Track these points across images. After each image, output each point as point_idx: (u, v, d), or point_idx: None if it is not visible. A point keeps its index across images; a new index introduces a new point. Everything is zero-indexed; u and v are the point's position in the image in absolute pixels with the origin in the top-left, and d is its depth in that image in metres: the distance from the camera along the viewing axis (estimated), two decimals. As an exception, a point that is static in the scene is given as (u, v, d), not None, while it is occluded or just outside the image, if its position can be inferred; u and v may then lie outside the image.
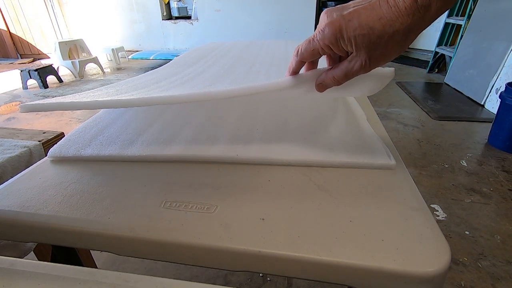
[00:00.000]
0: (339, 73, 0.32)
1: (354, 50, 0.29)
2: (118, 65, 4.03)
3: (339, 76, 0.32)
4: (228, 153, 0.43)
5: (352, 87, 0.36)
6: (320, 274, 0.29)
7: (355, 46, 0.29)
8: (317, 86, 0.35)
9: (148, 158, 0.44)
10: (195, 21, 4.46)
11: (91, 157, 0.44)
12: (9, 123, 2.25)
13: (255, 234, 0.31)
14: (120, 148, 0.46)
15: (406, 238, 0.30)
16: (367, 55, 0.30)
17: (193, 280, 0.95)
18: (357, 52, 0.30)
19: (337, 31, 0.29)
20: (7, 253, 0.60)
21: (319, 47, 0.31)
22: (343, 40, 0.29)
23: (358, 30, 0.28)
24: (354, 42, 0.29)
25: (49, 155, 0.46)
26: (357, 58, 0.30)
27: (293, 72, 0.35)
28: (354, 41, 0.29)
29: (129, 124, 0.54)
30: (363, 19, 0.28)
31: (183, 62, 0.97)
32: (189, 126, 0.52)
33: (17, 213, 0.34)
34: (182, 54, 1.13)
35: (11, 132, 0.78)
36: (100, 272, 0.24)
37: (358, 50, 0.29)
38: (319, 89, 0.35)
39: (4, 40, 4.54)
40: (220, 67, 0.87)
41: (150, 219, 0.33)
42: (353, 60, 0.31)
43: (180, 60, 1.02)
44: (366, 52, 0.29)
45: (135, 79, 0.71)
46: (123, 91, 0.53)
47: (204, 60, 0.99)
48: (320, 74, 0.34)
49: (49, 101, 0.42)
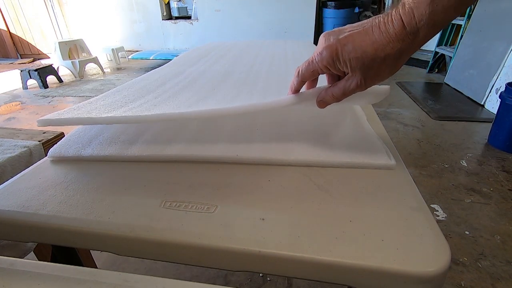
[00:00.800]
0: (338, 91, 0.35)
1: (349, 71, 0.32)
2: (118, 65, 4.03)
3: (337, 94, 0.35)
4: (228, 153, 0.43)
5: (350, 102, 0.38)
6: (320, 274, 0.29)
7: (350, 67, 0.32)
8: (318, 103, 0.38)
9: (148, 158, 0.44)
10: (195, 21, 4.46)
11: (91, 157, 0.44)
12: (9, 123, 2.25)
13: (255, 234, 0.31)
14: (120, 148, 0.46)
15: (406, 238, 0.30)
16: (362, 76, 0.32)
17: (193, 280, 0.95)
18: (353, 73, 0.32)
19: (333, 54, 0.32)
20: (7, 253, 0.60)
21: (318, 68, 0.34)
22: (339, 62, 0.32)
23: (352, 53, 0.31)
24: (349, 64, 0.31)
25: (49, 155, 0.46)
26: (353, 78, 0.33)
27: (295, 91, 0.38)
28: (349, 63, 0.31)
29: (129, 124, 0.54)
30: (357, 43, 0.31)
31: (183, 61, 0.98)
32: (189, 126, 0.52)
33: (17, 213, 0.34)
34: (182, 54, 1.13)
35: (11, 132, 0.78)
36: (100, 272, 0.24)
37: (353, 71, 0.32)
38: (320, 106, 0.38)
39: (4, 40, 4.54)
40: (221, 66, 0.88)
41: (150, 219, 0.33)
42: (350, 80, 0.33)
43: (181, 59, 1.02)
44: (361, 73, 0.32)
45: (139, 80, 0.71)
46: (131, 98, 0.54)
47: (205, 59, 1.00)
48: (320, 92, 0.37)
49: (66, 116, 0.42)
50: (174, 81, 0.71)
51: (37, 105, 2.62)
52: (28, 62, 4.39)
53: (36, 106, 2.61)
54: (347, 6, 3.77)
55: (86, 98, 2.78)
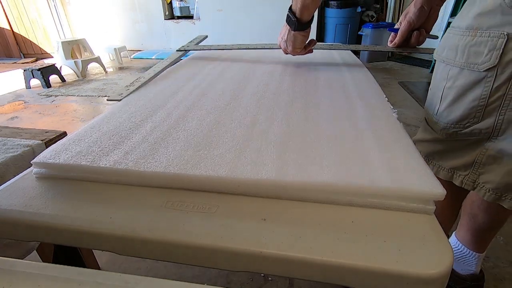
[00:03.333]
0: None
1: None
2: (120, 64, 4.04)
3: None
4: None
5: None
6: (321, 275, 0.29)
7: None
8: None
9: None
10: (197, 20, 4.46)
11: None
12: (12, 122, 2.26)
13: (256, 234, 0.30)
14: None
15: (409, 239, 0.30)
16: None
17: (194, 280, 0.95)
18: None
19: None
20: (10, 252, 0.60)
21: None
22: None
23: None
24: None
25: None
26: None
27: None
28: None
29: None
30: None
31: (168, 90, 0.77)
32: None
33: (19, 212, 0.34)
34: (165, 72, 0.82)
35: (14, 131, 0.78)
36: (101, 273, 0.24)
37: None
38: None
39: (7, 39, 4.56)
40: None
41: (152, 219, 0.33)
42: None
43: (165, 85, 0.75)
44: None
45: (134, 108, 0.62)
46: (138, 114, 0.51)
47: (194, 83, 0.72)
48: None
49: (63, 161, 0.39)
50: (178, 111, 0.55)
51: (40, 105, 2.63)
52: (31, 62, 4.41)
53: (39, 105, 2.62)
54: (349, 6, 3.75)
55: (89, 97, 2.79)
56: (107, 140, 0.45)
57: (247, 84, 0.69)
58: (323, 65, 0.85)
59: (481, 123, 0.53)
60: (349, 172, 0.36)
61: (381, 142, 0.42)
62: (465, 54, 0.52)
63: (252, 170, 0.37)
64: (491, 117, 0.52)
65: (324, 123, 0.49)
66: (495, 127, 0.52)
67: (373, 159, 0.38)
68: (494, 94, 0.50)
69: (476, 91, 0.51)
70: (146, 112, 0.54)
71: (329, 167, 0.37)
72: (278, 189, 0.35)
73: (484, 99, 0.51)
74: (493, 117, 0.51)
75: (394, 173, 0.35)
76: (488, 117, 0.52)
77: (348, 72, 0.77)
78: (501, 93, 0.49)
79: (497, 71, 0.48)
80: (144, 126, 0.49)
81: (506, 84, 0.48)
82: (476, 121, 0.54)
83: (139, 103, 0.59)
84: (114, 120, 0.51)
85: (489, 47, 0.48)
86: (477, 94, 0.51)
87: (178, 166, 0.38)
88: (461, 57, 0.53)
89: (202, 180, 0.36)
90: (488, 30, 0.48)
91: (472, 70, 0.51)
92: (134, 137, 0.45)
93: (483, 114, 0.52)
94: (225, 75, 0.77)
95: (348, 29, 3.88)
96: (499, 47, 0.47)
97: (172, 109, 0.56)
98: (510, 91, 0.48)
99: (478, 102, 0.52)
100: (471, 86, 0.52)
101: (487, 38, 0.48)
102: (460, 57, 0.53)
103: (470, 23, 0.51)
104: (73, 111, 2.48)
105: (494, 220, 0.70)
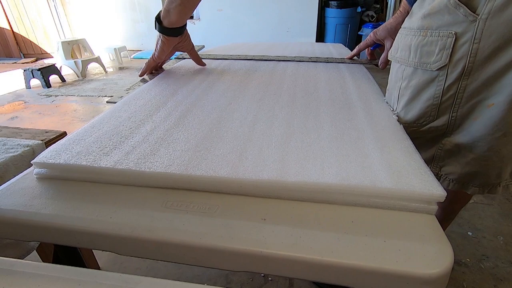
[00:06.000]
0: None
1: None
2: (120, 64, 4.04)
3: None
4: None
5: None
6: (321, 275, 0.29)
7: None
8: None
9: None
10: (197, 20, 4.46)
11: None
12: (12, 122, 2.26)
13: (256, 234, 0.30)
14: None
15: (409, 239, 0.30)
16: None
17: (194, 280, 0.95)
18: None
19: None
20: (10, 251, 0.61)
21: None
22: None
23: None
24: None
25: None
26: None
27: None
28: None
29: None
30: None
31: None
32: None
33: (19, 212, 0.34)
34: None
35: (14, 131, 0.78)
36: (101, 273, 0.24)
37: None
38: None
39: (8, 39, 4.57)
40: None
41: (152, 219, 0.33)
42: None
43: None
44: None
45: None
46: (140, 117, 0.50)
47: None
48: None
49: (64, 161, 0.39)
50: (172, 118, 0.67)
51: (40, 105, 2.63)
52: (31, 62, 4.41)
53: (39, 105, 2.62)
54: (350, 6, 3.75)
55: (89, 97, 2.79)
56: (107, 140, 0.45)
57: (248, 84, 0.69)
58: (323, 65, 0.85)
59: (436, 121, 0.54)
60: (349, 173, 0.36)
61: (381, 143, 0.42)
62: (417, 54, 0.52)
63: (253, 170, 0.37)
64: (445, 115, 0.53)
65: (325, 124, 0.49)
66: (450, 123, 0.53)
67: (373, 160, 0.38)
68: (447, 93, 0.50)
69: (430, 90, 0.52)
70: (146, 112, 0.54)
71: (330, 168, 0.37)
72: (279, 189, 0.35)
73: (438, 98, 0.52)
74: (447, 114, 0.52)
75: (395, 174, 0.35)
76: (443, 115, 0.53)
77: (348, 72, 0.77)
78: (452, 92, 0.50)
79: (448, 70, 0.49)
80: (145, 126, 0.49)
81: (456, 83, 0.49)
82: (431, 119, 0.54)
83: (139, 103, 0.59)
84: (114, 120, 0.51)
85: (439, 46, 0.48)
86: (431, 93, 0.52)
87: (179, 167, 0.38)
88: (414, 57, 0.53)
89: (204, 181, 0.36)
90: (437, 29, 0.49)
91: (425, 70, 0.52)
92: (135, 137, 0.45)
93: (438, 113, 0.53)
94: (225, 76, 0.77)
95: (348, 29, 3.88)
96: (448, 46, 0.47)
97: (172, 109, 0.56)
98: (461, 89, 0.49)
99: (433, 101, 0.53)
100: (425, 86, 0.53)
101: (437, 38, 0.49)
102: (413, 57, 0.53)
103: (420, 24, 0.51)
104: (73, 111, 2.48)
105: (458, 199, 0.74)
